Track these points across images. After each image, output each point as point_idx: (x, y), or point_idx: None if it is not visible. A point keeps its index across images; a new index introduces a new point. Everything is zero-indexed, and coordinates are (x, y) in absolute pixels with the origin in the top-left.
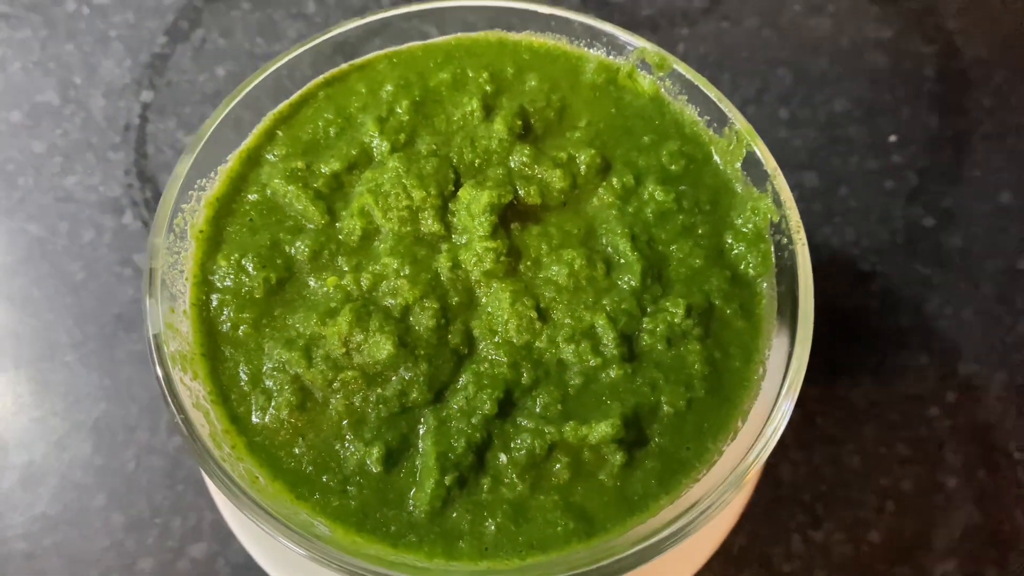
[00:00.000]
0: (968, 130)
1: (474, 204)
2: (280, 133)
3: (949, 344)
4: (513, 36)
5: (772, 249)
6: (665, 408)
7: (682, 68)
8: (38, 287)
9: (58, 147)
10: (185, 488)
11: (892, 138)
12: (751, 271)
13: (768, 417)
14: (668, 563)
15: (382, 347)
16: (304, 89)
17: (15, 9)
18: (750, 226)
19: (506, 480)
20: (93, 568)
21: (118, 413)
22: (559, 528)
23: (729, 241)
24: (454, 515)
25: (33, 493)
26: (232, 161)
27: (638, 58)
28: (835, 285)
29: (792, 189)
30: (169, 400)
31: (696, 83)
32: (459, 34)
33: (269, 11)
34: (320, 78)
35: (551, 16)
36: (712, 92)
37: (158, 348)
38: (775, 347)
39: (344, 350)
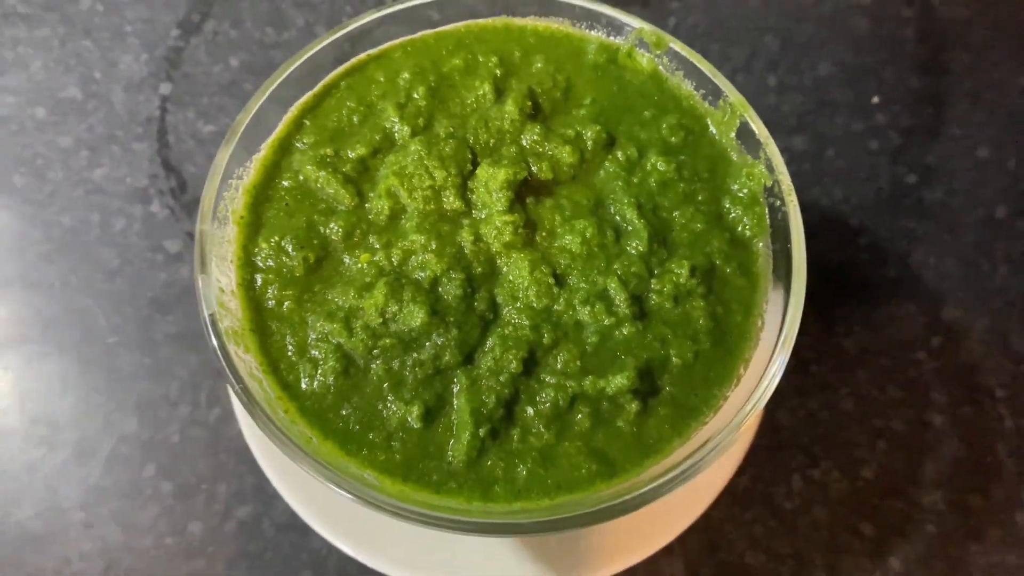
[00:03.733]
0: (947, 89)
1: (491, 181)
2: (307, 122)
3: (933, 292)
4: (518, 21)
5: (767, 211)
6: (674, 360)
7: (677, 46)
8: (75, 275)
9: (84, 141)
10: (227, 456)
11: (875, 99)
12: (748, 232)
13: (767, 365)
14: (681, 502)
15: (416, 316)
16: (327, 80)
17: (33, 9)
18: (745, 191)
19: (534, 430)
20: (148, 534)
21: (159, 390)
22: (583, 471)
23: (727, 206)
24: (488, 463)
25: (86, 467)
26: (265, 150)
27: (636, 38)
28: (826, 241)
29: (782, 152)
30: (228, 372)
31: (691, 59)
32: (468, 21)
33: (276, 1)
34: (341, 68)
35: (554, 1)
36: (706, 67)
37: (214, 325)
38: (772, 301)
39: (381, 320)
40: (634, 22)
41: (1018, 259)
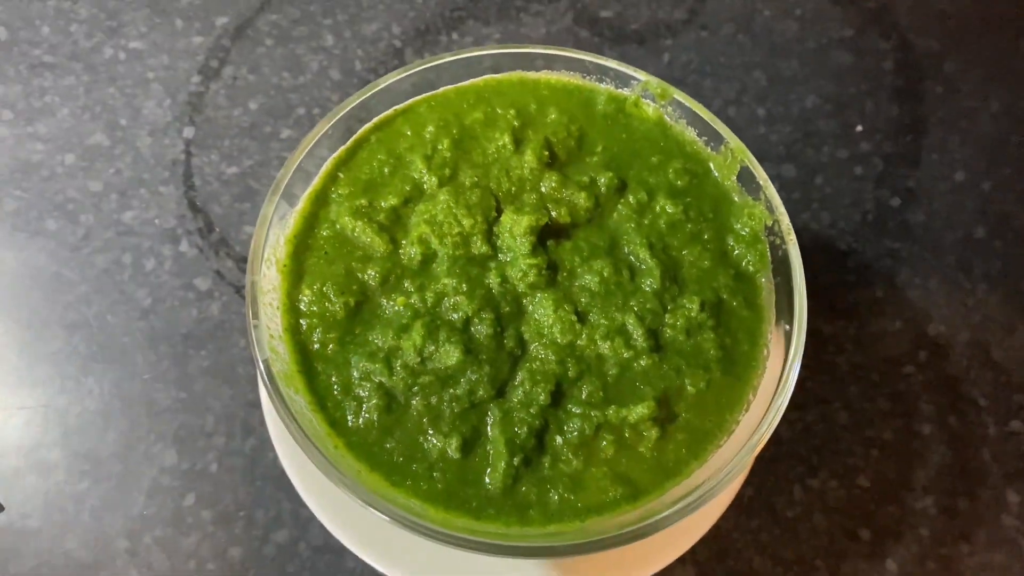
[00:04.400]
0: (924, 117)
1: (515, 227)
2: (341, 175)
3: (919, 310)
4: (532, 75)
5: (768, 248)
6: (689, 388)
7: (680, 96)
8: (111, 314)
9: (113, 185)
10: (264, 483)
11: (859, 128)
12: (751, 268)
13: (775, 392)
14: (695, 515)
15: (451, 355)
16: (358, 134)
17: (58, 58)
18: (747, 230)
19: (563, 458)
20: (190, 559)
21: (196, 423)
22: (610, 494)
23: (731, 243)
24: (523, 489)
25: (129, 498)
26: (303, 203)
27: (642, 89)
28: (816, 264)
29: (773, 180)
30: (285, 412)
31: (693, 108)
32: (487, 76)
33: (291, 46)
34: (371, 123)
35: (565, 57)
36: (707, 116)
37: (268, 371)
38: (776, 331)
39: (419, 359)
40: (640, 75)
41: (995, 277)
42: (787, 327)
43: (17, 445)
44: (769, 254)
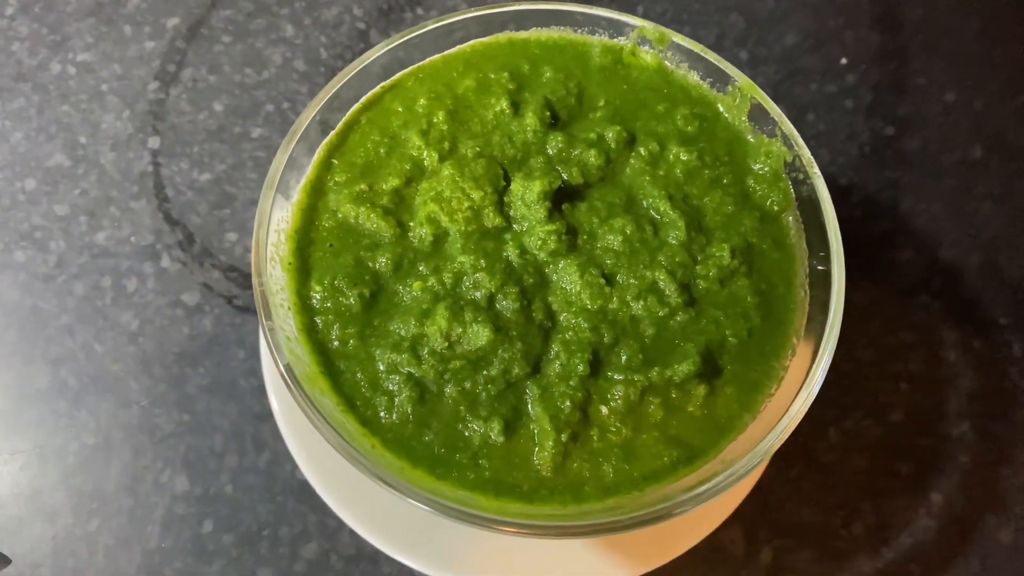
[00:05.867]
0: (907, 42)
1: (527, 194)
2: (336, 161)
3: (927, 237)
4: (521, 35)
5: (790, 185)
6: (730, 340)
7: (680, 39)
8: (98, 342)
9: (80, 206)
10: (284, 498)
11: (843, 61)
12: (775, 207)
13: (824, 330)
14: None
15: (481, 335)
16: (347, 117)
17: (3, 80)
18: (767, 169)
19: (611, 428)
20: None
21: (204, 444)
22: (665, 459)
23: (751, 185)
24: (575, 465)
25: (143, 531)
26: (300, 195)
27: (638, 36)
28: None
29: None
30: (315, 419)
31: (695, 50)
32: (473, 41)
33: (250, 41)
34: (358, 104)
35: (554, 11)
36: (711, 56)
37: (292, 375)
38: (810, 268)
39: (447, 343)
40: (634, 21)
41: (998, 195)
42: (819, 266)
43: (16, 493)
44: (792, 191)
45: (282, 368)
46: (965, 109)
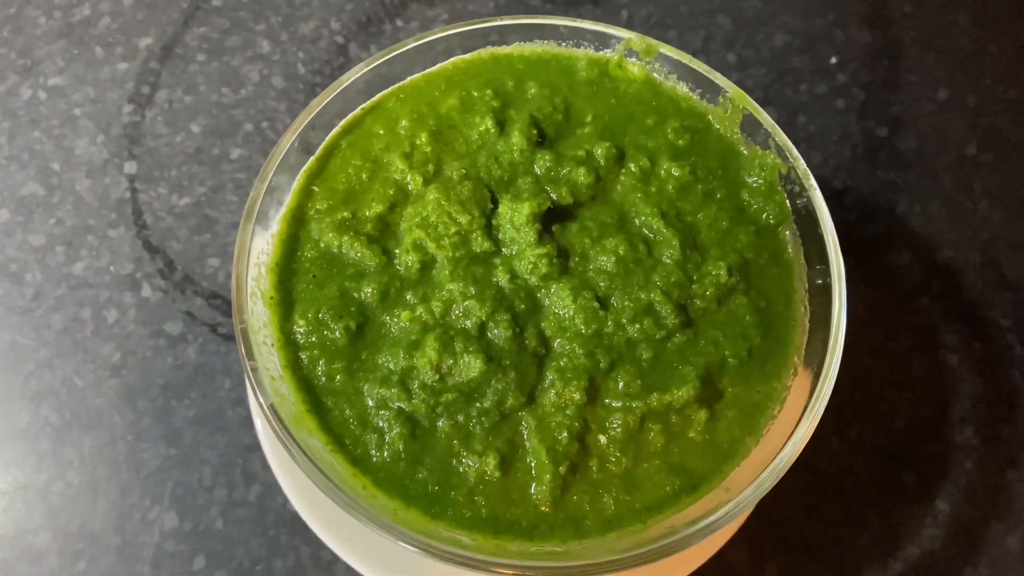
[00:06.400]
0: (897, 39)
1: (516, 216)
2: (316, 188)
3: (924, 238)
4: (504, 50)
5: (786, 198)
6: (730, 360)
7: (667, 50)
8: (79, 376)
9: (56, 236)
10: (277, 531)
11: (833, 60)
12: (771, 221)
13: (826, 348)
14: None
15: (472, 366)
16: (326, 141)
17: None
18: (760, 181)
19: (611, 458)
20: None
21: (192, 478)
22: (668, 488)
23: (746, 198)
24: (574, 499)
25: (133, 570)
26: (280, 225)
27: (625, 48)
28: None
29: None
30: (301, 461)
31: (683, 61)
32: (454, 58)
33: (226, 59)
34: (338, 128)
35: (537, 25)
36: (700, 67)
37: (277, 416)
38: (809, 283)
39: (437, 376)
40: (620, 33)
41: (995, 192)
42: (818, 280)
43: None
44: (788, 204)
45: (267, 409)
46: (958, 106)
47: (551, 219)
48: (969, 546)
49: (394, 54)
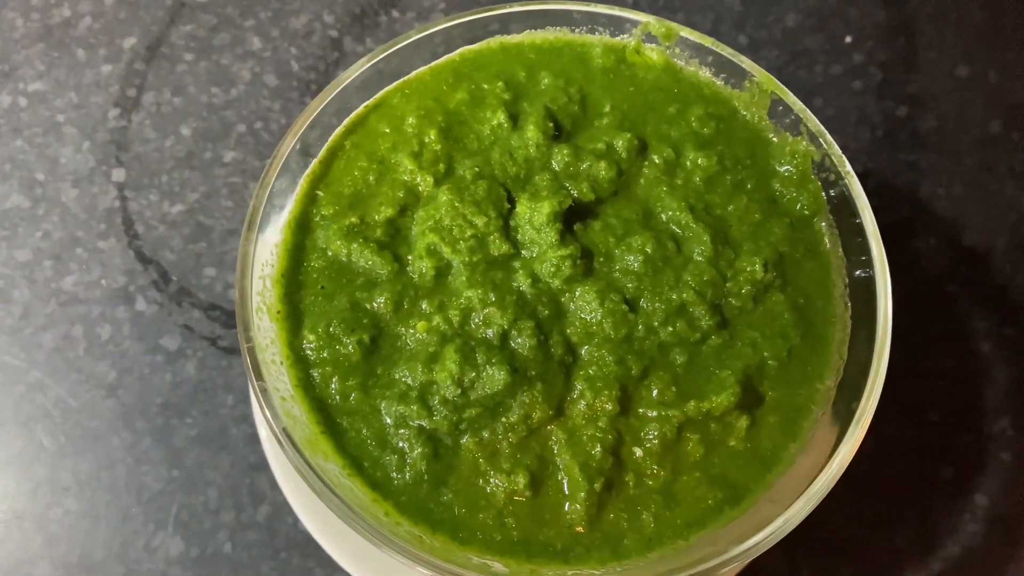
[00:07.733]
0: (912, 15)
1: (535, 216)
2: (321, 193)
3: (949, 222)
4: (514, 39)
5: (820, 187)
6: (770, 363)
7: (688, 33)
8: (73, 397)
9: (43, 250)
10: (288, 554)
11: (848, 39)
12: (806, 211)
13: (872, 347)
14: None
15: (496, 378)
16: (329, 142)
17: None
18: (793, 170)
19: (648, 471)
20: None
21: (197, 501)
22: (710, 501)
23: (777, 188)
24: (611, 516)
25: None
26: (284, 234)
27: (642, 32)
28: None
29: None
30: (318, 488)
31: (706, 44)
32: (461, 49)
33: (215, 57)
34: (341, 128)
35: (549, 11)
36: (724, 50)
37: (290, 440)
38: (849, 277)
39: (459, 390)
40: (637, 16)
41: (1021, 171)
42: (856, 272)
43: None
44: (823, 193)
45: (279, 433)
46: (979, 83)
47: (572, 218)
48: (1010, 541)
49: (397, 47)
